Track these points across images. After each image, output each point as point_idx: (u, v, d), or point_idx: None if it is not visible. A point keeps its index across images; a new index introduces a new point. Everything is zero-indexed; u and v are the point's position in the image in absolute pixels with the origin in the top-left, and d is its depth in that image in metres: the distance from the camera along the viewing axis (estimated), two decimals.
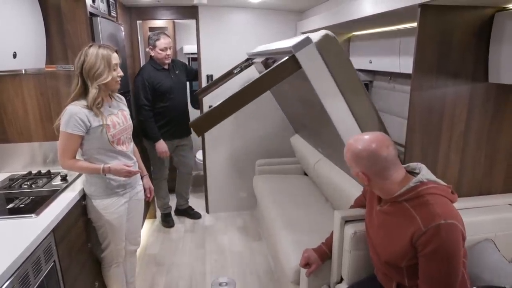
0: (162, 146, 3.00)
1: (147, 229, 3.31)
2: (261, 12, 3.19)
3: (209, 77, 3.26)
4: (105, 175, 1.79)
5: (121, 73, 1.80)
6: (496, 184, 1.77)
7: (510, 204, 1.70)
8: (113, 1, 2.63)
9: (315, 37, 1.51)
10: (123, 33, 2.76)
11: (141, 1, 2.86)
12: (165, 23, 4.06)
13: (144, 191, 2.12)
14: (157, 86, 2.95)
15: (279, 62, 1.57)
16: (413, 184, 1.25)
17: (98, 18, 2.18)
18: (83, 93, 1.73)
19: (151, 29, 3.93)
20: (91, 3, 2.16)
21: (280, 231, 2.26)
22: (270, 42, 3.03)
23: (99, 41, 2.16)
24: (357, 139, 1.32)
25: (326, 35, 1.50)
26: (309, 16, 2.97)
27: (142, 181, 2.12)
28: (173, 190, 3.45)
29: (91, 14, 2.16)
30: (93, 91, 1.69)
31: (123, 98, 2.00)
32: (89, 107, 1.70)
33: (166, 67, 3.03)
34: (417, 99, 1.56)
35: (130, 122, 1.96)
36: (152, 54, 2.99)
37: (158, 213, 3.48)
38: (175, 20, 4.08)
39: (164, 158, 3.11)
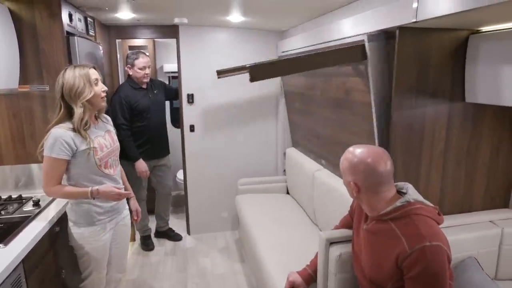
0: (141, 165, 2.93)
1: None
2: (242, 32, 3.22)
3: (190, 96, 3.23)
4: (93, 198, 1.70)
5: (105, 88, 1.73)
6: (477, 201, 1.79)
7: (490, 221, 1.72)
8: (92, 20, 2.59)
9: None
10: (102, 51, 2.71)
11: (121, 20, 2.82)
12: (145, 41, 4.03)
13: (131, 213, 2.03)
14: (134, 105, 2.90)
15: (347, 46, 1.60)
16: (399, 204, 1.24)
17: (76, 37, 2.13)
18: (67, 116, 1.64)
19: (131, 47, 3.89)
20: (68, 22, 2.12)
21: (264, 252, 2.21)
22: (251, 61, 3.04)
23: (76, 61, 2.11)
24: (357, 150, 1.30)
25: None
26: (290, 36, 3.01)
27: (129, 203, 2.03)
28: (153, 212, 3.35)
29: (68, 33, 2.12)
30: (78, 111, 1.61)
31: (109, 118, 1.93)
32: (76, 130, 1.62)
33: (144, 86, 2.99)
34: (398, 118, 1.58)
35: (117, 143, 1.89)
36: (130, 73, 2.95)
37: (138, 236, 3.36)
38: (156, 39, 4.06)
39: (142, 179, 3.03)
